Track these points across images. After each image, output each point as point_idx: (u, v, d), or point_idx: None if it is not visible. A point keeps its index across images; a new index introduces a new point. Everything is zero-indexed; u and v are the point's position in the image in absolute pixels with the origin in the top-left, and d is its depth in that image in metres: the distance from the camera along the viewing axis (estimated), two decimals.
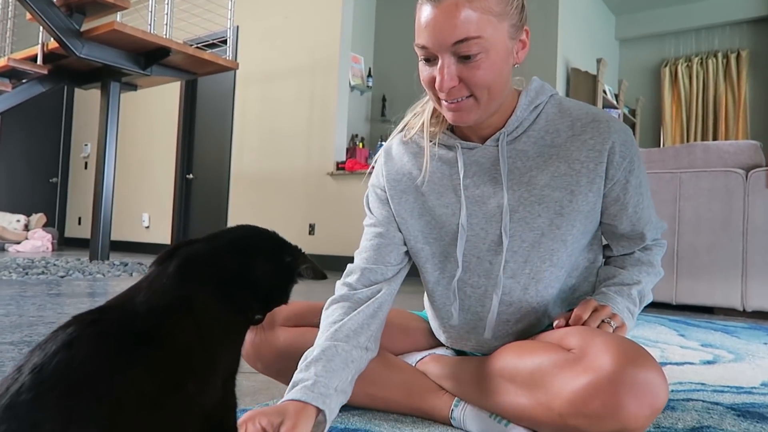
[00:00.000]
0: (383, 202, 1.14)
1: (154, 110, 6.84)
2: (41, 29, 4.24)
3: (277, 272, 0.77)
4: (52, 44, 4.25)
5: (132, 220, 6.96)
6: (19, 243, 6.43)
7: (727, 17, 6.02)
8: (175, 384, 0.58)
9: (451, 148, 1.08)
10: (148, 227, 6.84)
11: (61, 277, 3.69)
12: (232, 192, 5.95)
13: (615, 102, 5.82)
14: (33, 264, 4.21)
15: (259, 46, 5.83)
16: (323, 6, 5.39)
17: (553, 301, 1.06)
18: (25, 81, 4.56)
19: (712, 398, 1.32)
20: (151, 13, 4.48)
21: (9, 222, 6.58)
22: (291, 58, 5.60)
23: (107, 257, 4.72)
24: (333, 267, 3.13)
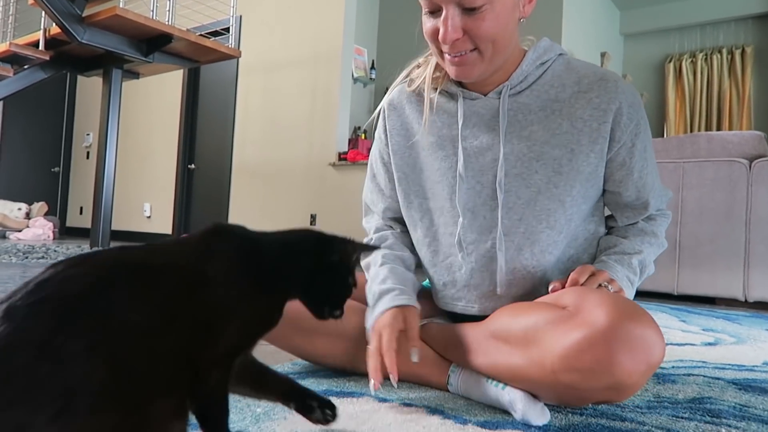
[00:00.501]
0: (386, 163, 1.15)
1: (157, 100, 6.83)
2: (43, 14, 4.23)
3: (328, 272, 0.73)
4: (54, 30, 4.24)
5: (133, 209, 6.95)
6: (20, 231, 6.43)
7: (732, 13, 5.98)
8: (167, 321, 0.56)
9: (453, 97, 1.06)
10: (149, 217, 6.83)
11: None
12: (234, 182, 5.93)
13: None
14: (33, 250, 4.21)
15: (262, 36, 5.81)
16: None
17: (551, 271, 1.04)
18: (26, 67, 4.55)
19: (713, 374, 1.31)
20: None
21: (10, 210, 6.58)
22: (293, 48, 5.58)
23: (108, 246, 4.72)
24: None
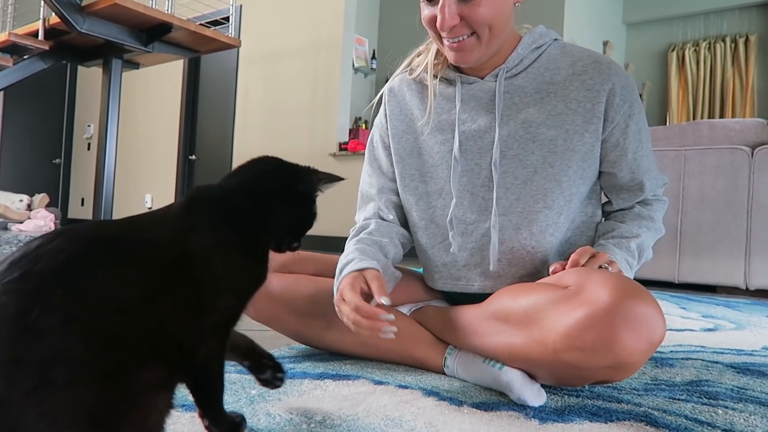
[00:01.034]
0: (386, 147, 1.16)
1: (157, 90, 6.82)
2: (42, 4, 4.21)
3: (296, 205, 0.74)
4: (54, 19, 4.22)
5: (134, 200, 6.95)
6: (21, 222, 6.44)
7: (735, 1, 5.92)
8: (148, 294, 0.55)
9: (452, 83, 1.08)
10: (150, 208, 6.84)
11: None
12: None
13: None
14: None
15: (262, 26, 5.79)
16: None
17: (553, 255, 1.04)
18: (26, 57, 4.54)
19: (711, 358, 1.30)
20: None
21: (12, 202, 6.58)
22: (294, 38, 5.56)
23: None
24: (336, 248, 3.12)
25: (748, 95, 5.84)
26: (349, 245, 1.07)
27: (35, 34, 4.42)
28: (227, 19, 5.37)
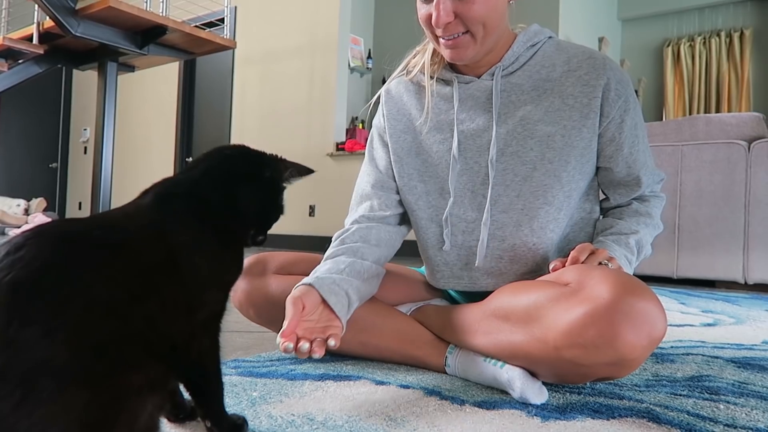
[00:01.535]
0: (384, 145, 1.15)
1: (153, 93, 6.80)
2: (36, 7, 4.20)
3: (262, 192, 0.74)
4: (48, 23, 4.21)
5: None
6: (19, 227, 6.42)
7: None
8: (133, 296, 0.54)
9: (449, 83, 1.09)
10: None
11: None
12: None
13: None
14: None
15: (257, 27, 5.78)
16: None
17: (553, 251, 1.04)
18: (21, 61, 4.53)
19: (712, 353, 1.31)
20: None
21: (9, 206, 6.57)
22: (289, 38, 5.55)
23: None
24: None
25: (744, 89, 5.85)
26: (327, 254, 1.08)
27: (30, 38, 4.41)
28: (222, 21, 5.36)
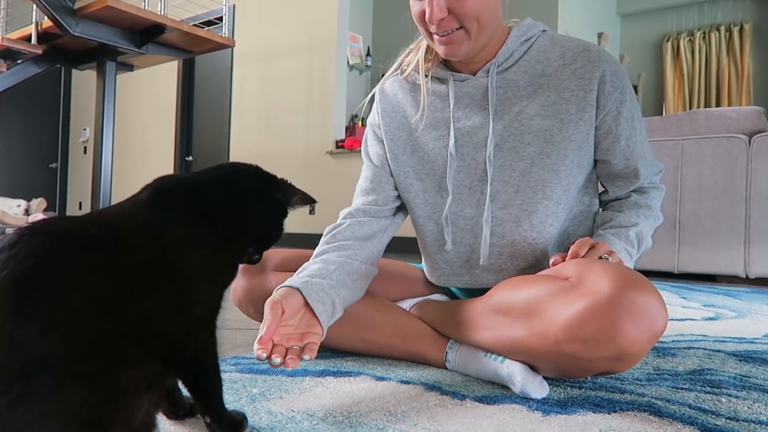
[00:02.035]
0: (379, 141, 1.14)
1: (152, 92, 6.79)
2: (34, 7, 4.19)
3: (270, 212, 0.74)
4: (46, 23, 4.20)
5: None
6: (19, 228, 6.42)
7: None
8: (129, 293, 0.54)
9: (444, 81, 1.08)
10: None
11: None
12: None
13: None
14: None
15: (256, 25, 5.77)
16: None
17: (552, 244, 1.04)
18: (20, 61, 4.52)
19: (713, 347, 1.30)
20: None
21: (9, 207, 6.56)
22: (288, 36, 5.54)
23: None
24: None
25: (744, 84, 5.84)
26: (312, 256, 1.06)
27: (28, 39, 4.40)
28: (221, 19, 5.35)
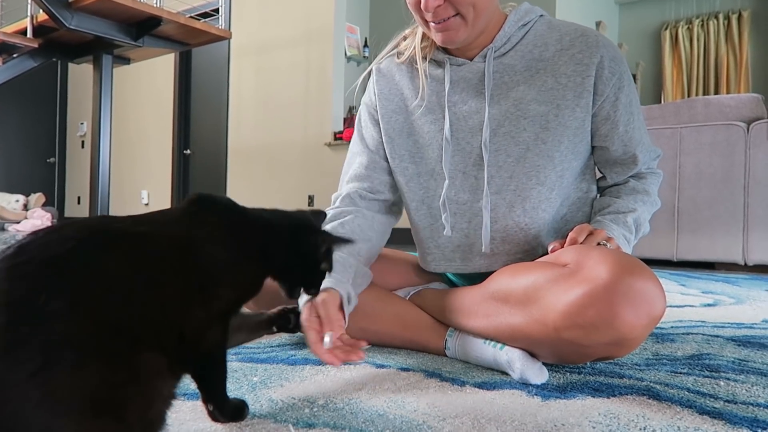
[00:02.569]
0: (375, 123, 1.14)
1: (149, 86, 6.77)
2: (29, 1, 4.17)
3: (297, 256, 0.74)
4: (42, 16, 4.18)
5: (131, 197, 6.93)
6: (18, 222, 6.42)
7: None
8: (151, 282, 0.56)
9: (441, 65, 1.07)
10: (147, 204, 6.82)
11: None
12: (230, 166, 5.91)
13: None
14: None
15: (252, 16, 5.74)
16: None
17: (546, 231, 1.04)
18: (15, 55, 4.50)
19: (712, 332, 1.31)
20: None
21: (8, 202, 6.56)
22: (284, 28, 5.52)
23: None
24: None
25: (743, 71, 5.82)
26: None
27: (23, 32, 4.38)
28: (217, 11, 5.32)
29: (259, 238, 0.69)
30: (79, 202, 7.78)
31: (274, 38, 5.59)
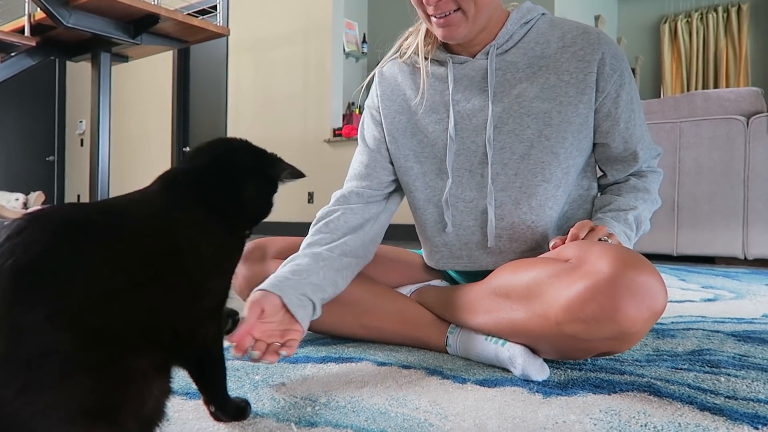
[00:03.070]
0: (377, 124, 1.14)
1: (148, 83, 6.76)
2: None
3: (263, 188, 0.74)
4: (39, 15, 4.18)
5: None
6: None
7: None
8: (135, 282, 0.53)
9: (443, 63, 1.08)
10: None
11: None
12: None
13: None
14: None
15: (250, 13, 5.73)
16: None
17: (551, 227, 1.04)
18: (13, 54, 4.49)
19: (712, 327, 1.31)
20: None
21: (8, 201, 6.55)
22: (283, 24, 5.50)
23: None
24: None
25: (742, 65, 5.81)
26: (302, 244, 1.06)
27: (21, 31, 4.37)
28: (215, 8, 5.32)
29: (230, 198, 0.68)
30: (78, 200, 7.79)
31: (272, 35, 5.58)
